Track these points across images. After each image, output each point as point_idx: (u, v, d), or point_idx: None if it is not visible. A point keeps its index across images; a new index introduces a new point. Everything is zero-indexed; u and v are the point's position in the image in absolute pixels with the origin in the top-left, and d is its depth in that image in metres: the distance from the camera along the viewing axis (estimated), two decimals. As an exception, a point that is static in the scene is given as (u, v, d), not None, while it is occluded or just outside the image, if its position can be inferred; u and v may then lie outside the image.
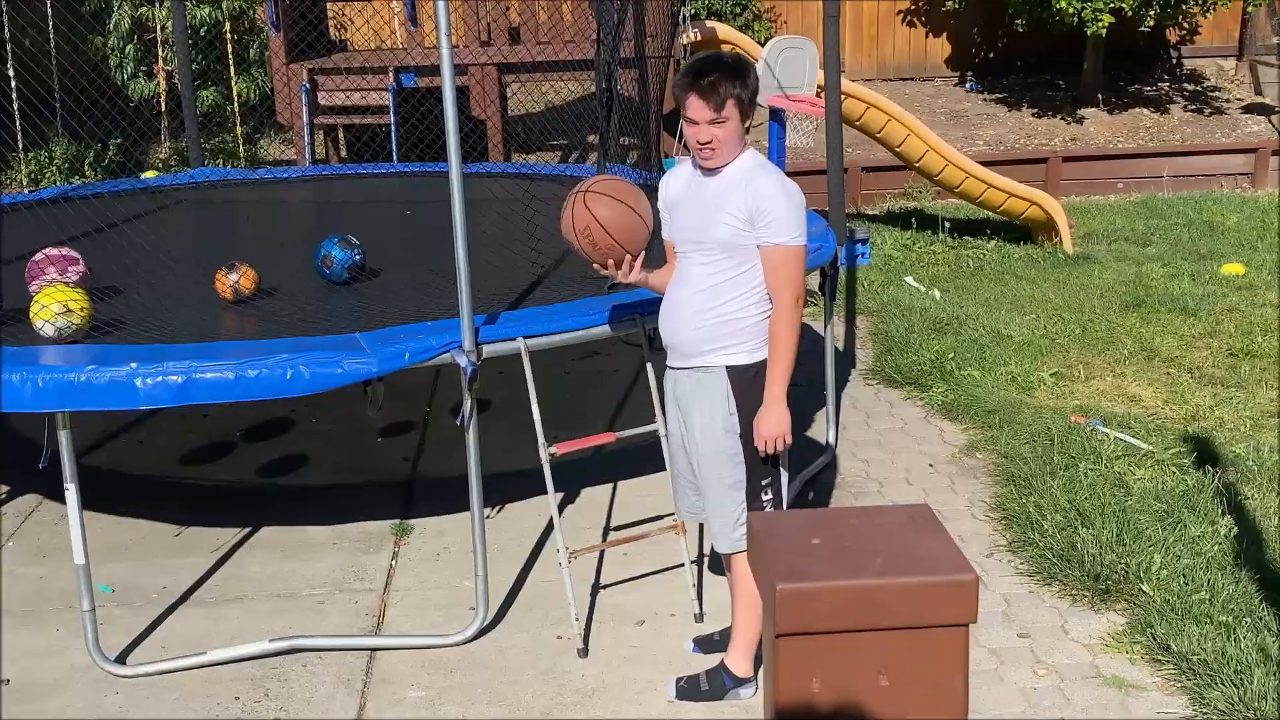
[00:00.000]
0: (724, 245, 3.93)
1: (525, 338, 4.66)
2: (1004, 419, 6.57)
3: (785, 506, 4.21)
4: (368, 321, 4.85)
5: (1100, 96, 14.08)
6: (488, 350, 4.57)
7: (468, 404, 4.52)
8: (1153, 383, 7.14)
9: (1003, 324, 8.14)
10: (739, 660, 4.24)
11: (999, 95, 14.42)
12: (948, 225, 11.03)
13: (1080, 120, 13.83)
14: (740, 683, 4.24)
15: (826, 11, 6.15)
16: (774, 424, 3.98)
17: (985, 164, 10.83)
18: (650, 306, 4.59)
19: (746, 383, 4.01)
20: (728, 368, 4.02)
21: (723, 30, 11.11)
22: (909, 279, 9.45)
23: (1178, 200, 12.19)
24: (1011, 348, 7.69)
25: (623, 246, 4.04)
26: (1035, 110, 14.03)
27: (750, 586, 4.02)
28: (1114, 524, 5.18)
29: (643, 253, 4.12)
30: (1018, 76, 14.75)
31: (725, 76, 3.88)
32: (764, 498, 4.12)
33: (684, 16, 10.46)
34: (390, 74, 9.79)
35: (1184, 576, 4.78)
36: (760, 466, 4.08)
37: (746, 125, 3.99)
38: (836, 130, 6.25)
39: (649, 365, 4.97)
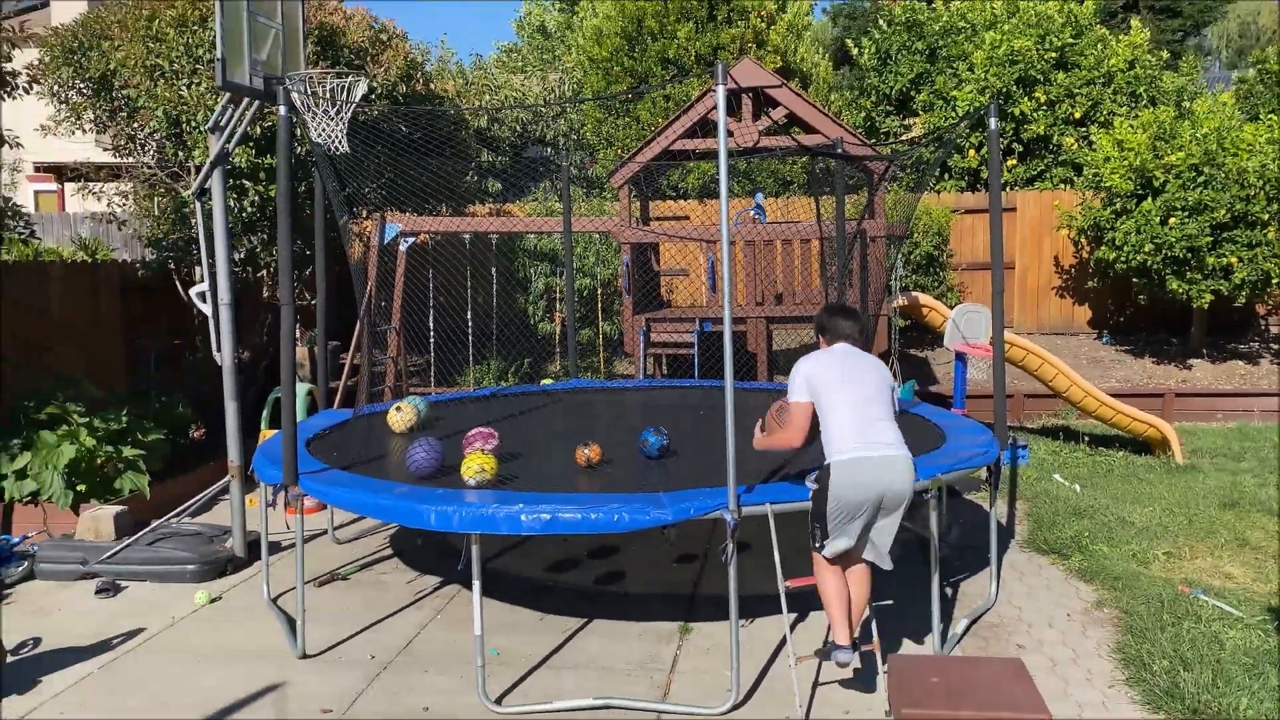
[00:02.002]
0: None
1: (771, 503, 4.62)
2: (1125, 584, 5.99)
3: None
4: (668, 485, 4.92)
5: (1204, 351, 13.01)
6: (745, 510, 4.55)
7: (730, 547, 4.49)
8: (1244, 564, 6.37)
9: (1127, 513, 7.46)
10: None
11: (1127, 347, 13.51)
12: (1087, 439, 10.29)
13: (1189, 367, 12.77)
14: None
15: (994, 289, 6.00)
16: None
17: (1115, 396, 10.15)
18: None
19: (824, 471, 4.39)
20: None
21: (923, 298, 10.85)
22: (1057, 476, 8.83)
23: (1265, 429, 11.03)
24: (1133, 531, 7.03)
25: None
26: (1154, 359, 13.06)
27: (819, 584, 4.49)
28: (1210, 671, 4.61)
29: None
30: (1141, 334, 13.81)
31: None
32: (814, 532, 4.43)
33: (895, 288, 10.39)
34: (696, 322, 10.09)
35: (1266, 718, 4.18)
36: (814, 514, 4.43)
37: (823, 340, 4.75)
38: (1001, 368, 5.99)
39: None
